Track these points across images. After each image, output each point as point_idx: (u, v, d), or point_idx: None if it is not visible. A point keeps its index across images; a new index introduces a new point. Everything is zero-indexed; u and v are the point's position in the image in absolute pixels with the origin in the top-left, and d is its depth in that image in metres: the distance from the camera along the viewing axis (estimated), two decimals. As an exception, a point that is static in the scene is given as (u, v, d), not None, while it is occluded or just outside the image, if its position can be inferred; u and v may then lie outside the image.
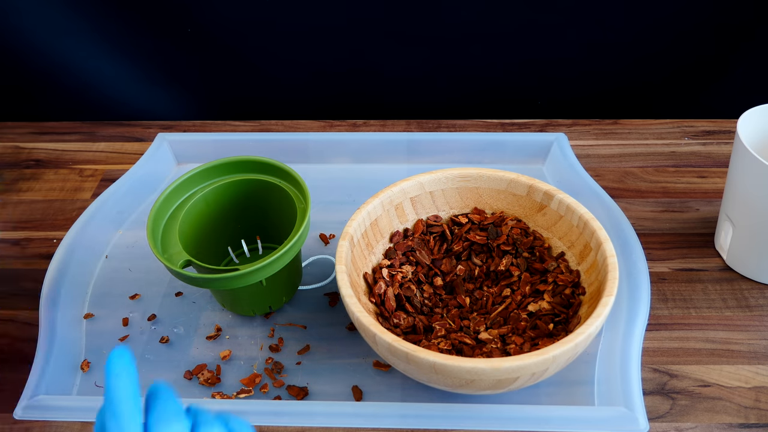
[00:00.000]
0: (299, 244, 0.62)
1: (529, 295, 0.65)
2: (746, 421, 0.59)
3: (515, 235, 0.67)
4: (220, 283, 0.59)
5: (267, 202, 0.70)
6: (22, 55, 0.92)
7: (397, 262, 0.67)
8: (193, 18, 0.91)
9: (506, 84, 0.97)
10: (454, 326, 0.63)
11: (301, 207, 0.66)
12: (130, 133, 0.94)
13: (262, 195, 0.70)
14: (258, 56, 0.95)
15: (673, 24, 0.90)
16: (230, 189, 0.69)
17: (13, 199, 0.85)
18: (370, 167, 0.87)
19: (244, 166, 0.69)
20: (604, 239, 0.60)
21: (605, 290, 0.56)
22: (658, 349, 0.65)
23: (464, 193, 0.70)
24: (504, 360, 0.51)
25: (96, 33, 0.92)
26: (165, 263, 0.60)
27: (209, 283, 0.60)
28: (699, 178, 0.84)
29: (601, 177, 0.84)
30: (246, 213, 0.71)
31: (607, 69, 0.95)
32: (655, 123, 0.92)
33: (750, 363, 0.63)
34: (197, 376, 0.64)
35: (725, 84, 0.94)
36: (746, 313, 0.68)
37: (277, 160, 0.69)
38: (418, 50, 0.94)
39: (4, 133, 0.95)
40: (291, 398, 0.62)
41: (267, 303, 0.68)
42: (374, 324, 0.54)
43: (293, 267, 0.66)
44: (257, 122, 0.95)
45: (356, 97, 0.99)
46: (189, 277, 0.60)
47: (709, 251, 0.75)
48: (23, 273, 0.75)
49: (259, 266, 0.59)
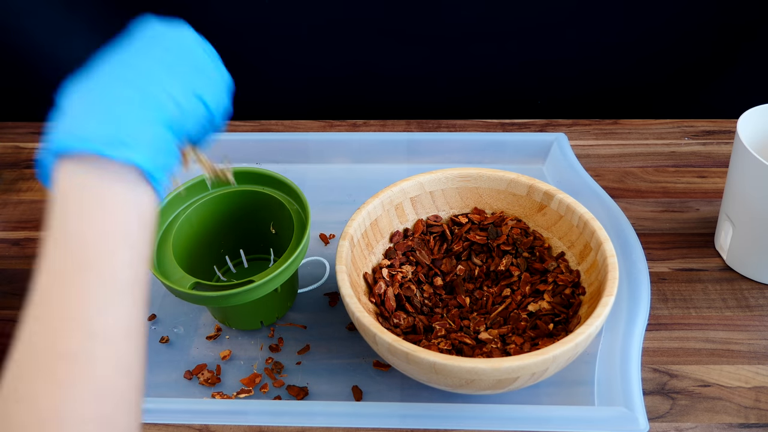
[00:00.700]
0: (305, 247, 0.62)
1: (529, 295, 0.65)
2: (746, 421, 0.59)
3: (515, 235, 0.67)
4: (238, 298, 0.58)
5: (249, 212, 0.69)
6: (22, 55, 0.92)
7: (397, 262, 0.67)
8: (192, 18, 0.91)
9: (506, 84, 0.97)
10: (454, 326, 0.63)
11: (294, 209, 0.65)
12: (130, 133, 0.94)
13: (243, 206, 0.69)
14: (258, 57, 0.95)
15: (673, 24, 0.90)
16: (211, 206, 0.68)
17: (13, 199, 0.85)
18: (370, 167, 0.87)
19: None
20: (604, 239, 0.60)
21: (605, 290, 0.56)
22: (658, 349, 0.65)
23: (464, 193, 0.70)
24: (504, 360, 0.51)
25: (96, 33, 0.92)
26: (174, 287, 0.58)
27: (227, 299, 0.58)
28: (699, 178, 0.84)
29: (601, 177, 0.84)
30: (227, 227, 0.70)
31: (607, 69, 0.95)
32: (655, 123, 0.92)
33: (750, 363, 0.63)
34: (197, 376, 0.64)
35: (725, 84, 0.94)
36: (746, 313, 0.68)
37: (252, 166, 0.68)
38: (418, 50, 0.94)
39: (4, 133, 0.95)
40: (291, 398, 0.62)
41: (273, 313, 0.68)
42: (374, 324, 0.54)
43: (295, 272, 0.67)
44: (257, 122, 0.95)
45: (356, 97, 0.98)
46: (204, 297, 0.58)
47: (709, 251, 0.75)
48: (23, 273, 0.75)
49: (274, 275, 0.58)
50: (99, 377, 0.35)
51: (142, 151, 0.38)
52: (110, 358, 0.35)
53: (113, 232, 0.37)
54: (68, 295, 0.35)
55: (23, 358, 0.35)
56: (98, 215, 0.37)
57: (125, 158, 0.37)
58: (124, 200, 0.38)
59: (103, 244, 0.37)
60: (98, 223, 0.37)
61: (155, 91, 0.41)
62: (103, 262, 0.36)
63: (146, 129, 0.39)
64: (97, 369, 0.35)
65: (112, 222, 0.37)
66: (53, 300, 0.35)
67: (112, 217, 0.37)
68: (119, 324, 0.36)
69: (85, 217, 0.37)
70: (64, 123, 0.39)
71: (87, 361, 0.35)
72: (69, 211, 0.37)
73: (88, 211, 0.37)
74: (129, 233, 0.38)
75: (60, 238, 0.36)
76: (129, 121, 0.39)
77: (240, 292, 0.57)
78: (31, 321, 0.35)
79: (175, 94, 0.41)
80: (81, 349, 0.34)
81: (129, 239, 0.37)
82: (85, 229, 0.36)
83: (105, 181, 0.37)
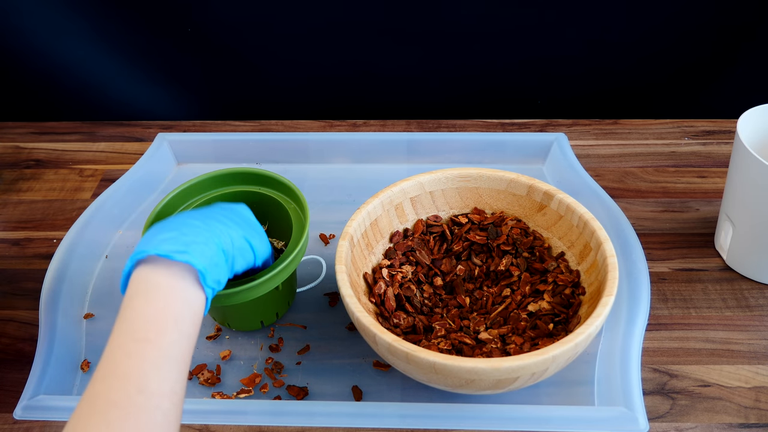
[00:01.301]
0: (305, 244, 0.62)
1: (529, 295, 0.65)
2: (746, 421, 0.59)
3: (515, 235, 0.67)
4: (240, 296, 0.58)
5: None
6: (22, 55, 0.93)
7: (397, 262, 0.67)
8: (193, 18, 0.91)
9: (506, 84, 0.97)
10: (454, 326, 0.63)
11: (292, 207, 0.65)
12: (130, 133, 0.94)
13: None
14: (258, 56, 0.95)
15: (672, 24, 0.90)
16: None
17: (13, 199, 0.85)
18: (370, 167, 0.87)
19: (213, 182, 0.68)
20: (604, 239, 0.60)
21: (605, 290, 0.56)
22: (658, 349, 0.65)
23: (464, 193, 0.70)
24: (504, 360, 0.51)
25: (96, 33, 0.92)
26: None
27: (228, 298, 0.58)
28: (699, 178, 0.84)
29: (601, 177, 0.84)
30: None
31: (607, 69, 0.95)
32: (655, 123, 0.92)
33: (750, 363, 0.63)
34: (197, 376, 0.64)
35: (725, 84, 0.94)
36: (746, 313, 0.68)
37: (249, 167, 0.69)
38: (418, 50, 0.94)
39: (4, 133, 0.95)
40: (291, 398, 0.62)
41: (273, 313, 0.68)
42: (374, 324, 0.54)
43: (294, 272, 0.67)
44: (257, 122, 0.95)
45: (356, 97, 0.99)
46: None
47: (709, 251, 0.75)
48: (23, 273, 0.75)
49: (275, 273, 0.59)
50: (143, 423, 0.42)
51: (200, 259, 0.49)
52: (154, 411, 0.42)
53: (168, 316, 0.46)
54: (127, 360, 0.44)
55: (83, 406, 0.42)
56: (159, 300, 0.47)
57: (186, 260, 0.48)
58: (180, 293, 0.48)
59: (160, 323, 0.46)
60: (157, 307, 0.46)
61: (216, 227, 0.53)
62: (158, 337, 0.45)
63: (206, 247, 0.50)
64: (142, 417, 0.42)
65: (169, 307, 0.47)
66: (115, 363, 0.44)
67: (169, 303, 0.47)
68: (164, 386, 0.44)
69: (150, 301, 0.47)
70: (143, 241, 0.50)
71: (135, 411, 0.42)
72: (137, 296, 0.47)
73: (152, 297, 0.47)
74: (181, 319, 0.47)
75: (128, 316, 0.46)
76: (193, 240, 0.50)
77: (241, 290, 0.57)
78: (94, 380, 0.43)
79: (230, 233, 0.54)
80: (131, 401, 0.42)
81: (179, 324, 0.47)
82: (147, 310, 0.46)
83: (168, 277, 0.48)
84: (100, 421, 0.41)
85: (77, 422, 0.42)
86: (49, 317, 0.67)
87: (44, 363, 0.63)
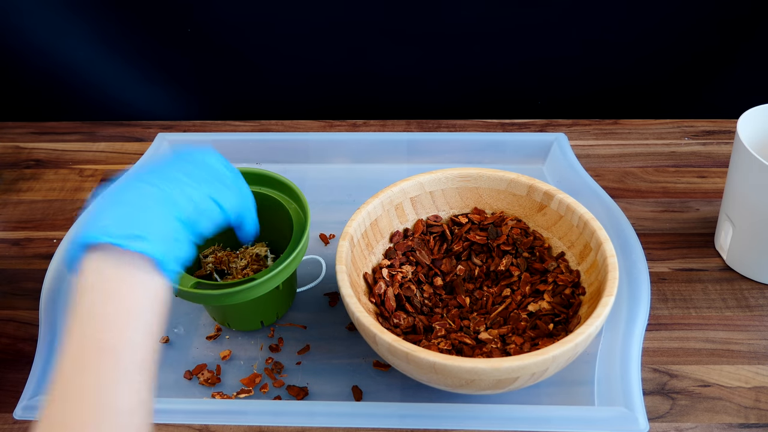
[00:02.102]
0: (306, 244, 0.62)
1: (529, 295, 0.65)
2: (746, 421, 0.59)
3: (515, 235, 0.67)
4: (240, 296, 0.58)
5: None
6: (22, 54, 0.93)
7: (397, 262, 0.67)
8: (193, 18, 0.91)
9: (506, 84, 0.97)
10: (454, 326, 0.63)
11: (293, 207, 0.65)
12: (130, 133, 0.94)
13: None
14: (258, 56, 0.95)
15: (672, 24, 0.90)
16: None
17: (13, 199, 0.85)
18: (370, 167, 0.87)
19: None
20: (604, 239, 0.60)
21: (605, 290, 0.56)
22: (658, 349, 0.65)
23: (464, 193, 0.70)
24: (504, 360, 0.51)
25: (96, 33, 0.92)
26: (176, 286, 0.58)
27: (228, 297, 0.58)
28: (699, 178, 0.84)
29: (601, 177, 0.84)
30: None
31: (607, 68, 0.95)
32: (655, 123, 0.92)
33: (750, 363, 0.63)
34: (197, 376, 0.64)
35: (725, 83, 0.94)
36: (746, 313, 0.68)
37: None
38: (417, 50, 0.94)
39: (4, 133, 0.95)
40: (291, 398, 0.62)
41: (273, 313, 0.67)
42: (374, 324, 0.54)
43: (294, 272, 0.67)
44: (257, 122, 0.95)
45: (356, 97, 0.99)
46: (206, 295, 0.58)
47: (709, 251, 0.75)
48: (23, 273, 0.75)
49: (275, 272, 0.58)
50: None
51: (156, 245, 0.43)
52: (121, 428, 0.38)
53: (130, 314, 0.42)
54: (87, 375, 0.39)
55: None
56: (117, 296, 0.42)
57: (140, 250, 0.42)
58: (140, 286, 0.43)
59: (121, 325, 0.41)
60: (116, 304, 0.41)
61: (173, 191, 0.46)
62: (120, 343, 0.40)
63: (162, 225, 0.45)
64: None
65: (129, 303, 0.42)
66: (73, 379, 0.39)
67: (129, 299, 0.42)
68: (132, 399, 0.39)
69: (107, 298, 0.41)
70: (90, 218, 0.44)
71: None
72: (91, 291, 0.42)
73: (109, 293, 0.42)
74: (144, 316, 0.42)
75: (83, 316, 0.41)
76: (148, 217, 0.44)
77: (242, 290, 0.58)
78: (51, 403, 0.38)
79: (192, 193, 0.47)
80: (97, 427, 0.37)
81: (143, 323, 0.42)
82: (105, 309, 0.41)
83: (123, 268, 0.42)
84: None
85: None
86: (49, 317, 0.67)
87: (44, 363, 0.63)
